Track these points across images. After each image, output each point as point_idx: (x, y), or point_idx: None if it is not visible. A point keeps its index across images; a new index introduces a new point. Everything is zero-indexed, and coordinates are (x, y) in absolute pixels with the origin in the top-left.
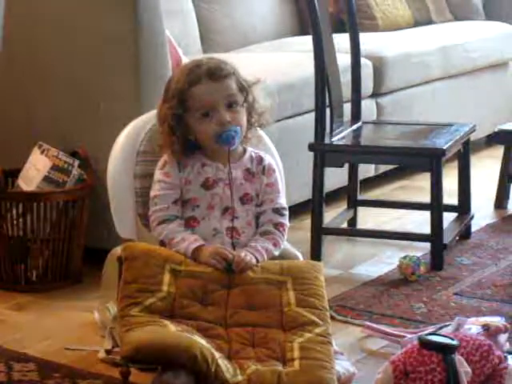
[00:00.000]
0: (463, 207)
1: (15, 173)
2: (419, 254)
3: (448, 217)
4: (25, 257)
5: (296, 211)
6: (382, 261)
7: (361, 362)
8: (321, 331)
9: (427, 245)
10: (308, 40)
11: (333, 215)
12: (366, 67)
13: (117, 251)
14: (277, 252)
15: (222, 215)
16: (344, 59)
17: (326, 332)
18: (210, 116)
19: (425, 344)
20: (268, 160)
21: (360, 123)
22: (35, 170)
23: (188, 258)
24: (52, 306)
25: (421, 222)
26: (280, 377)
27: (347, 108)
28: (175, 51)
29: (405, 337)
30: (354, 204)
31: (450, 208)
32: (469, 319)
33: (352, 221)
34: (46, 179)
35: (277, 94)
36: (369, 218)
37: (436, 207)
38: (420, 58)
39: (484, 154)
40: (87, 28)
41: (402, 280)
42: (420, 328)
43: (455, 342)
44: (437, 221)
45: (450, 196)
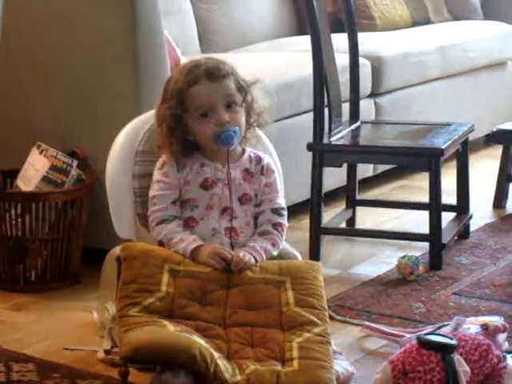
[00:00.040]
0: (462, 207)
1: (14, 173)
2: (418, 254)
3: (447, 216)
4: (23, 257)
5: (295, 211)
6: (381, 260)
7: (360, 362)
8: (320, 331)
9: (426, 244)
10: (306, 40)
11: (331, 215)
12: (365, 67)
13: (116, 251)
14: (275, 252)
15: (221, 215)
16: (342, 59)
17: (325, 332)
18: (209, 116)
19: (424, 343)
20: (267, 160)
21: (358, 123)
22: (34, 171)
23: (187, 258)
24: (51, 307)
25: (419, 222)
26: (279, 376)
27: (346, 108)
28: (174, 51)
29: (403, 336)
30: (353, 204)
31: (449, 208)
32: (468, 319)
33: (351, 221)
34: (45, 179)
35: (275, 94)
36: (367, 218)
37: (434, 207)
38: (418, 58)
39: (482, 154)
40: (86, 28)
41: (401, 280)
42: (419, 328)
43: (454, 342)
44: (435, 220)
45: (449, 196)
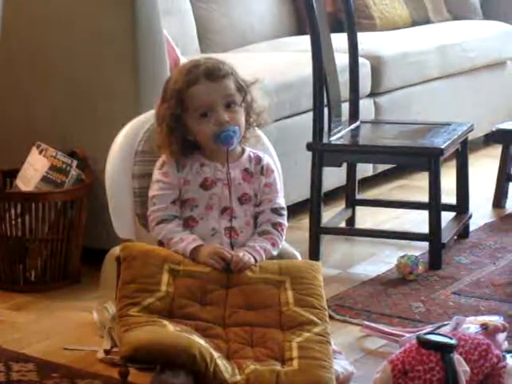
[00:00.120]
0: (461, 206)
1: (13, 173)
2: (417, 254)
3: (446, 216)
4: (23, 257)
5: (294, 211)
6: (381, 260)
7: (359, 362)
8: (319, 331)
9: (425, 244)
10: (306, 40)
11: (331, 215)
12: (364, 67)
13: (115, 251)
14: (275, 252)
15: (221, 215)
16: (342, 59)
17: (325, 331)
18: (209, 116)
19: (423, 343)
20: (266, 160)
21: (358, 123)
22: (33, 170)
23: (186, 258)
24: (51, 306)
25: (419, 222)
26: (279, 376)
27: (345, 107)
28: (173, 51)
29: (403, 336)
30: (353, 203)
31: (448, 207)
32: (467, 318)
33: (350, 220)
34: (45, 179)
35: (275, 94)
36: (367, 218)
37: (434, 206)
38: (418, 58)
39: (482, 154)
40: (86, 28)
41: (401, 279)
42: (418, 327)
43: (454, 341)
44: (435, 220)
45: (448, 195)
